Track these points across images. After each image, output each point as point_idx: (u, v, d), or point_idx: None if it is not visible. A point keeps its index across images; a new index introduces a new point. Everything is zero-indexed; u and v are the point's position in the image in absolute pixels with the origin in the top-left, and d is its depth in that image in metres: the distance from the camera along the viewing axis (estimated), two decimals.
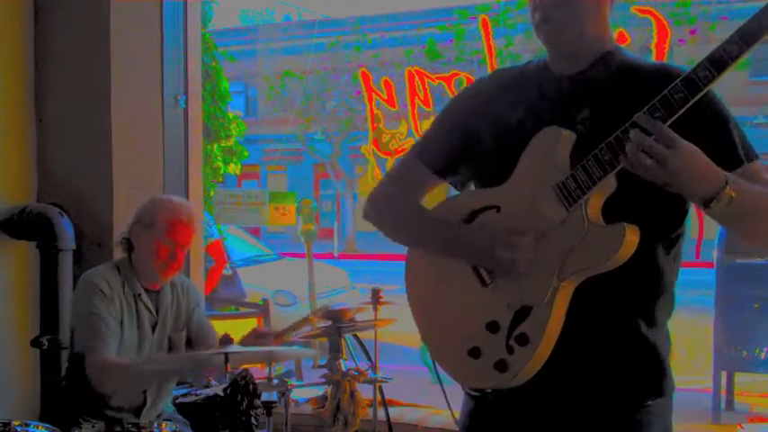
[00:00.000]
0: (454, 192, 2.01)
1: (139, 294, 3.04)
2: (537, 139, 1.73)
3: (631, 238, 1.61)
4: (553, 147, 1.70)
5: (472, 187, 1.95)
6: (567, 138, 1.70)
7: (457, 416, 1.99)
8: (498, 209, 1.78)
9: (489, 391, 1.82)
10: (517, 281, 1.70)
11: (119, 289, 3.00)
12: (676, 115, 1.53)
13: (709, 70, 1.51)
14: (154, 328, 3.07)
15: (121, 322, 2.96)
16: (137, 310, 3.02)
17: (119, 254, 3.18)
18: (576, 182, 1.64)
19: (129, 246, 3.07)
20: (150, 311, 3.06)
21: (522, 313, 1.69)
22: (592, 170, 1.62)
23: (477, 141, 1.85)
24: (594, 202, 1.65)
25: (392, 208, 1.98)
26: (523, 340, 1.67)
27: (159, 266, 3.02)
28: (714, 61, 1.50)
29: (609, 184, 1.63)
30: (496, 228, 1.74)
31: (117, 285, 3.00)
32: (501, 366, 1.69)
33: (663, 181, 1.53)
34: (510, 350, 1.69)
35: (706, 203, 1.55)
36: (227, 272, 8.16)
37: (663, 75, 1.65)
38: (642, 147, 1.52)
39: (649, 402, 1.76)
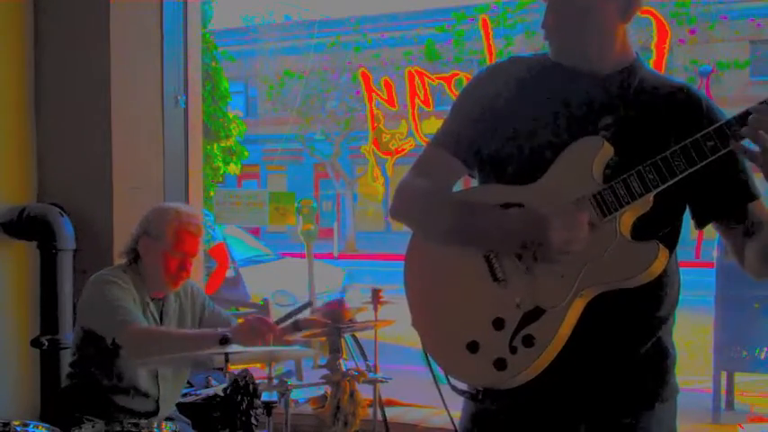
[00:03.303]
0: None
1: (147, 303, 3.02)
2: (576, 147, 1.69)
3: (662, 258, 1.61)
4: (592, 157, 1.67)
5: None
6: (607, 151, 1.67)
7: (456, 416, 1.96)
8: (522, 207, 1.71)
9: (480, 390, 1.78)
10: (534, 281, 1.66)
11: (132, 290, 2.98)
12: None
13: None
14: None
15: None
16: (144, 318, 3.01)
17: (119, 255, 3.15)
18: (614, 194, 1.63)
19: (135, 256, 3.05)
20: (155, 320, 3.04)
21: (533, 315, 1.65)
22: (633, 186, 1.61)
23: (502, 134, 1.78)
24: (627, 218, 1.64)
25: (427, 203, 1.83)
26: (529, 342, 1.64)
27: (169, 278, 3.01)
28: None
29: (645, 202, 1.62)
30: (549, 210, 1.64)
31: (130, 285, 2.98)
32: (500, 365, 1.66)
33: None
34: (513, 350, 1.65)
35: None
36: (233, 274, 8.15)
37: (683, 93, 1.69)
38: (763, 125, 1.47)
39: (653, 406, 1.75)
